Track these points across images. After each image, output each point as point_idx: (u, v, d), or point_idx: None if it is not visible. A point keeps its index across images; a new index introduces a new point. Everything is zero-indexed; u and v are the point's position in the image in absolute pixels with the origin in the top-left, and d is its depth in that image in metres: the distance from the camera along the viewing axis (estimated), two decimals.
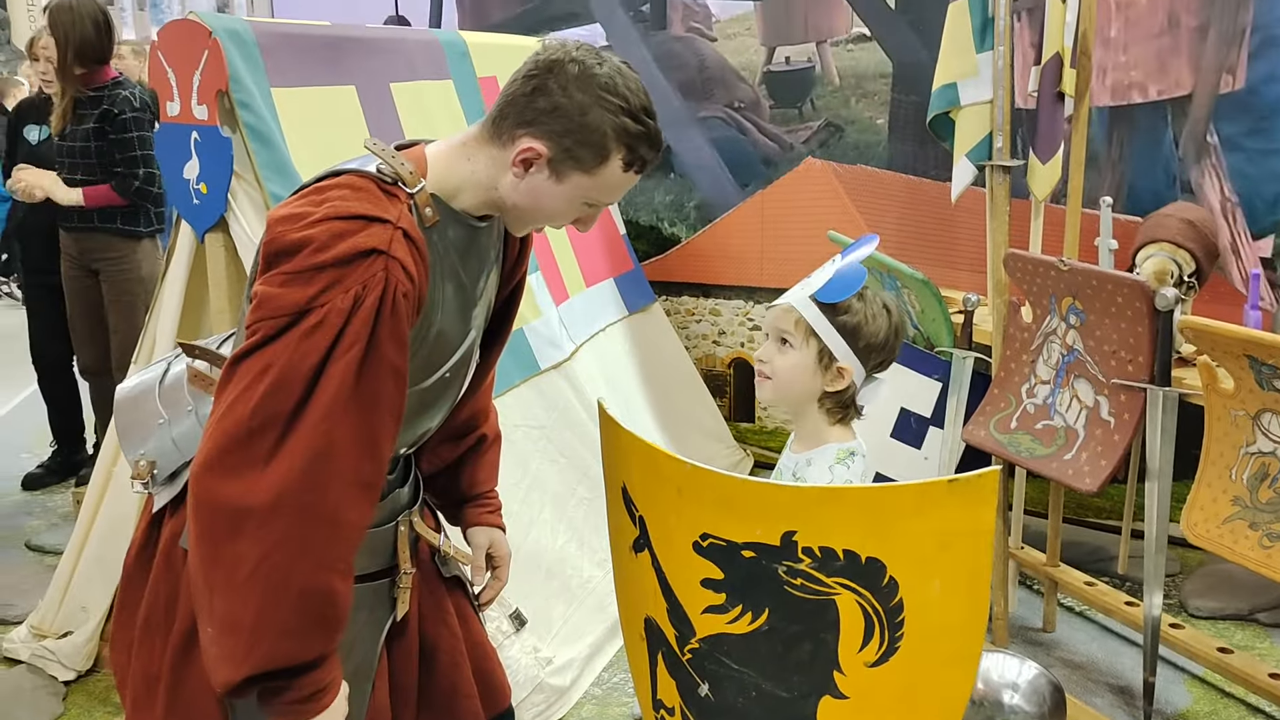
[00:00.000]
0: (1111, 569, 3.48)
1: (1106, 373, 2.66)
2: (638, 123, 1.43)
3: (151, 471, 1.55)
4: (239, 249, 2.65)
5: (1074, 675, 3.10)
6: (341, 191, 1.40)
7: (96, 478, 3.02)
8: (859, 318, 1.67)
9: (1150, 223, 2.97)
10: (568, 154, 1.43)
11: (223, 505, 1.31)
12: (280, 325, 1.32)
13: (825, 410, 1.73)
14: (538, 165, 1.44)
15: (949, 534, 1.42)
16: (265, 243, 1.38)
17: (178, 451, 1.55)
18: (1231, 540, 2.38)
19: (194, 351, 1.56)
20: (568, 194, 1.46)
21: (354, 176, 1.43)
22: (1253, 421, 2.37)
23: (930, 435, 3.21)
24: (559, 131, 1.42)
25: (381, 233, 1.36)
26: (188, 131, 2.61)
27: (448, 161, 1.49)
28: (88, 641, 2.99)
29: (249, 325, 1.35)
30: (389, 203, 1.40)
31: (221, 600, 1.32)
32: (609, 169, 1.45)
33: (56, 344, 4.21)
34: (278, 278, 1.34)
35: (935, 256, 3.99)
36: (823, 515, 1.45)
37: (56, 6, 3.75)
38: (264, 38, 2.67)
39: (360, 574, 1.51)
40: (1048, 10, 2.90)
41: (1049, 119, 2.96)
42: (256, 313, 1.34)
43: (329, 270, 1.33)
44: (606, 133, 1.42)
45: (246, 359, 1.33)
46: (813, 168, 4.25)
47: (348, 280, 1.33)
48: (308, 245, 1.33)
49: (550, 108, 1.42)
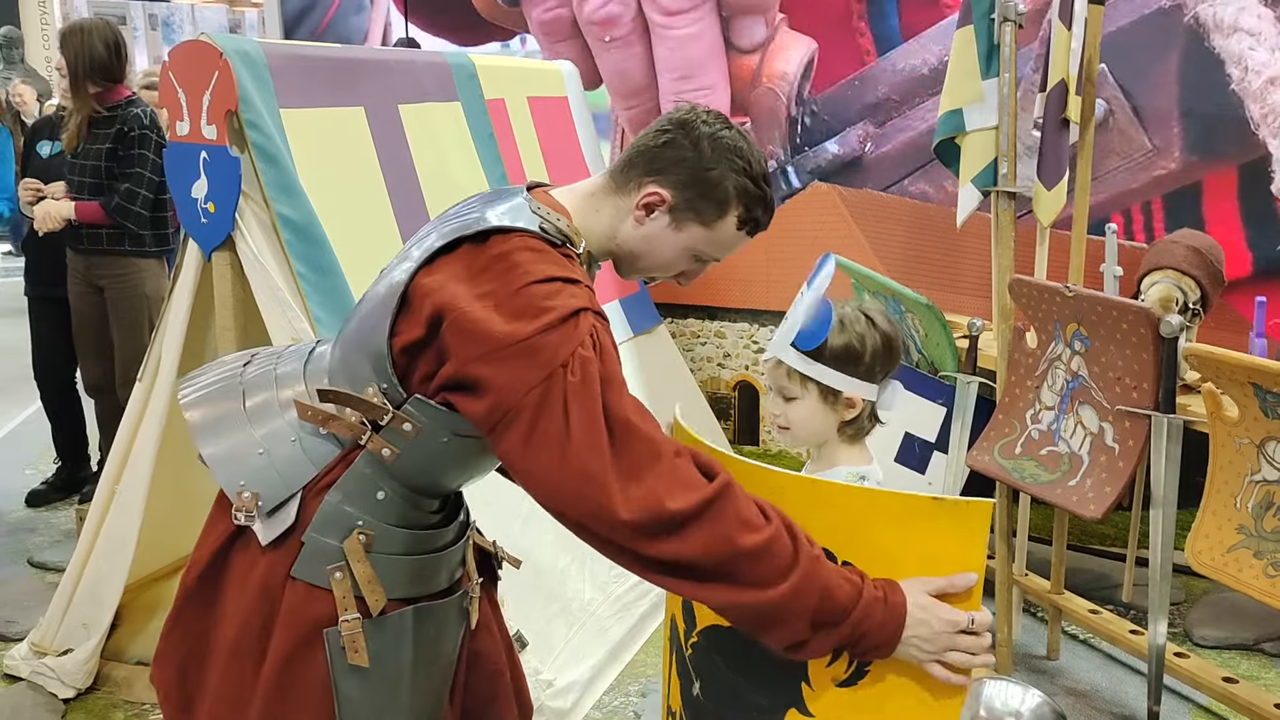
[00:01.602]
0: (1116, 597, 3.46)
1: (1111, 399, 2.65)
2: (757, 186, 1.54)
3: (256, 503, 1.53)
4: (245, 268, 2.66)
5: (1078, 704, 3.08)
6: (525, 255, 1.44)
7: (99, 495, 3.02)
8: (845, 345, 1.65)
9: (1155, 249, 2.97)
10: (689, 204, 1.53)
11: (676, 558, 1.35)
12: (536, 401, 1.35)
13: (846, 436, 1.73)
14: (660, 211, 1.53)
15: (930, 557, 1.40)
16: (459, 322, 1.40)
17: (284, 484, 1.54)
18: (1236, 569, 2.37)
19: (329, 396, 1.54)
20: (683, 244, 1.56)
21: (528, 238, 1.47)
22: (1258, 450, 2.36)
23: (934, 460, 3.20)
24: (685, 182, 1.52)
25: (582, 294, 1.42)
26: (196, 151, 2.62)
27: (584, 214, 1.57)
28: (88, 659, 2.99)
29: (496, 416, 1.38)
30: (570, 264, 1.47)
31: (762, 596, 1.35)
32: (725, 225, 1.55)
33: (59, 360, 4.22)
34: (501, 356, 1.37)
35: (940, 281, 3.99)
36: (807, 509, 1.45)
37: (67, 28, 3.82)
38: (274, 59, 2.69)
39: (441, 590, 1.62)
40: (1053, 37, 2.91)
41: (1054, 145, 2.97)
42: (496, 399, 1.37)
43: (554, 331, 1.37)
44: (729, 190, 1.52)
45: (533, 454, 1.37)
46: (818, 191, 4.27)
47: (578, 335, 1.38)
48: (519, 312, 1.37)
49: (678, 159, 1.52)
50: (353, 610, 1.51)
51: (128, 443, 2.96)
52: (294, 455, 1.56)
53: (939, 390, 3.17)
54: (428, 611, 1.59)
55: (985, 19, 2.92)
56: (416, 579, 1.59)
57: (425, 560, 1.59)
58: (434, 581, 1.62)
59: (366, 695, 1.54)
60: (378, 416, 1.50)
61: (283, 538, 1.53)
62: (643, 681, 3.14)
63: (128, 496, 2.95)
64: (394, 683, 1.57)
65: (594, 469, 1.34)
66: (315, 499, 1.53)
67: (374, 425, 1.51)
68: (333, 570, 1.51)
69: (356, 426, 1.52)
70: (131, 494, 2.94)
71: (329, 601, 1.51)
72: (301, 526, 1.52)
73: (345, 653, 1.51)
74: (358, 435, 1.52)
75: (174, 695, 1.63)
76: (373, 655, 1.53)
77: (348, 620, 1.51)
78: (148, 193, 3.76)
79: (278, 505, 1.54)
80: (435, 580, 1.62)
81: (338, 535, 1.52)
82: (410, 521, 1.57)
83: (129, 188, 3.73)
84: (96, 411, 4.14)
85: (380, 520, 1.54)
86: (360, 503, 1.53)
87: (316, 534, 1.52)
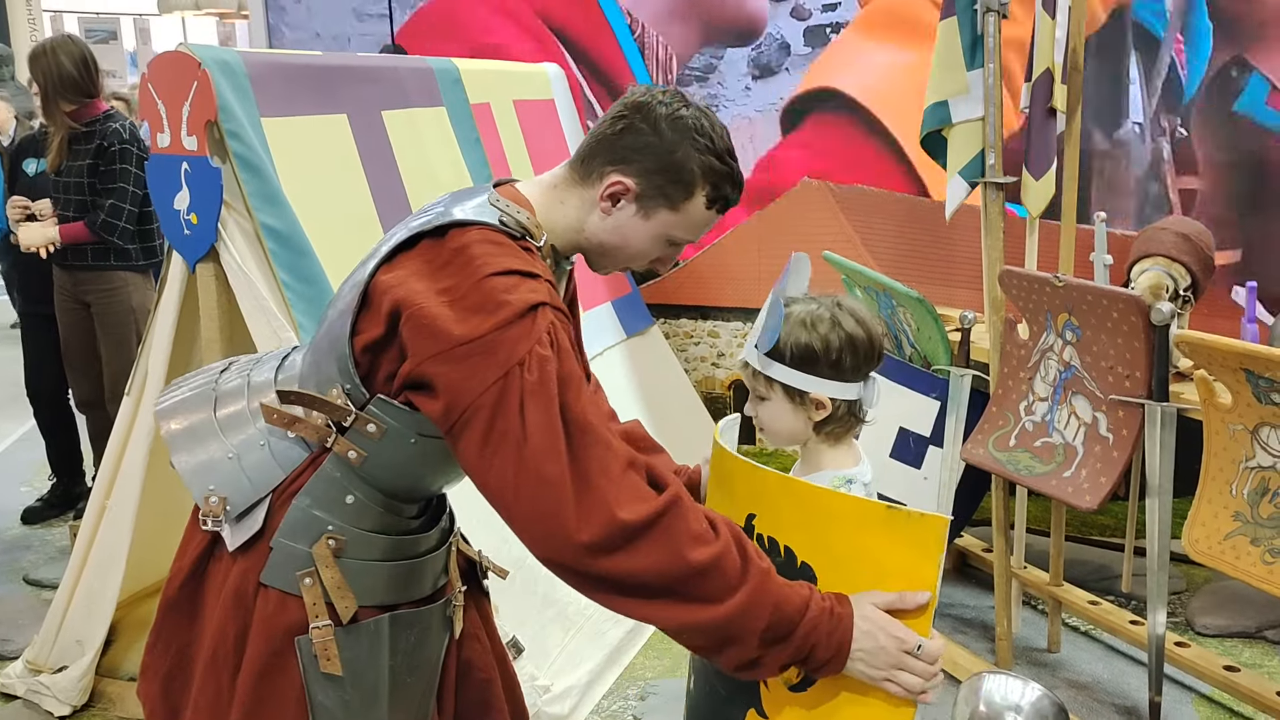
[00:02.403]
0: (1116, 587, 3.45)
1: (1104, 389, 2.64)
2: (723, 162, 1.50)
3: (224, 508, 1.52)
4: (230, 279, 2.64)
5: (1079, 696, 3.06)
6: (485, 247, 1.42)
7: (90, 511, 3.01)
8: (806, 344, 1.61)
9: (1145, 237, 2.95)
10: (656, 190, 1.50)
11: (626, 575, 1.33)
12: (493, 400, 1.33)
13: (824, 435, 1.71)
14: (625, 200, 1.51)
15: (882, 568, 1.38)
16: (416, 317, 1.38)
17: (252, 488, 1.52)
18: (1234, 556, 2.36)
19: (290, 398, 1.53)
20: (653, 231, 1.53)
21: (487, 230, 1.45)
22: (1251, 436, 2.35)
23: (930, 455, 3.18)
24: (648, 168, 1.49)
25: (541, 288, 1.40)
26: (178, 162, 2.61)
27: (547, 206, 1.54)
28: (83, 676, 2.97)
29: (454, 416, 1.36)
30: (530, 258, 1.45)
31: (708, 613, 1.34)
32: (694, 205, 1.51)
33: (51, 376, 4.21)
34: (457, 354, 1.35)
35: (932, 274, 3.97)
36: (775, 503, 1.45)
37: (34, 51, 3.81)
38: (253, 68, 2.67)
39: (423, 597, 1.60)
40: (1037, 26, 2.90)
41: (1040, 135, 2.95)
42: (451, 398, 1.35)
43: (513, 327, 1.35)
44: (694, 170, 1.49)
45: (490, 454, 1.34)
46: (809, 188, 4.25)
47: (535, 332, 1.35)
48: (476, 307, 1.35)
49: (640, 145, 1.49)
50: (324, 617, 1.49)
51: (117, 457, 2.95)
52: (263, 459, 1.54)
53: (932, 384, 3.15)
54: (407, 619, 1.57)
55: (969, 10, 2.90)
56: (394, 585, 1.56)
57: (403, 566, 1.57)
58: (414, 588, 1.60)
59: (342, 705, 1.52)
60: (341, 418, 1.48)
61: (251, 543, 1.51)
62: (641, 685, 3.13)
63: (118, 511, 2.94)
64: (372, 692, 1.54)
65: (551, 474, 1.32)
66: (284, 504, 1.51)
67: (339, 427, 1.49)
68: (302, 576, 1.49)
69: (322, 429, 1.50)
70: (122, 509, 2.93)
71: (301, 608, 1.49)
72: (270, 532, 1.50)
73: (318, 661, 1.48)
74: (324, 438, 1.50)
75: (159, 709, 1.62)
76: (347, 663, 1.50)
77: (318, 628, 1.48)
78: (132, 207, 3.75)
79: (245, 510, 1.52)
80: (416, 587, 1.60)
81: (307, 540, 1.50)
82: (385, 526, 1.55)
83: (113, 203, 3.72)
84: (88, 427, 4.13)
85: (351, 525, 1.52)
86: (330, 507, 1.51)
87: (285, 539, 1.50)
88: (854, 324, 1.63)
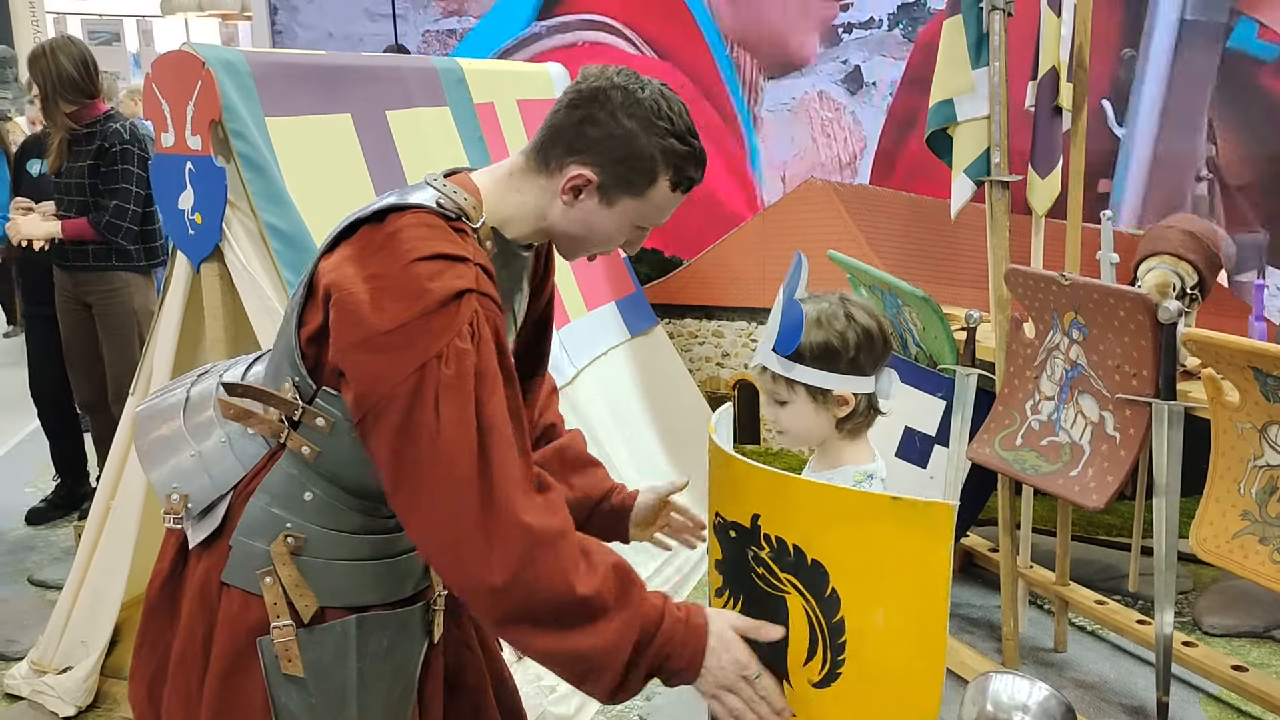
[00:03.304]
0: (1123, 587, 3.43)
1: (1110, 388, 2.63)
2: (684, 144, 1.47)
3: (185, 505, 1.51)
4: (234, 278, 2.64)
5: (1086, 696, 3.05)
6: (417, 231, 1.39)
7: (95, 512, 3.01)
8: (824, 342, 1.62)
9: (1151, 235, 2.94)
10: (618, 180, 1.46)
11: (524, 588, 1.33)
12: (408, 391, 1.32)
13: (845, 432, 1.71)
14: (587, 192, 1.47)
15: (893, 559, 1.39)
16: (342, 302, 1.36)
17: (213, 485, 1.51)
18: (1242, 555, 2.35)
19: (236, 390, 1.52)
20: (618, 219, 1.50)
21: (422, 214, 1.42)
22: (1259, 434, 2.33)
23: (935, 454, 3.17)
24: (609, 159, 1.45)
25: (468, 272, 1.36)
26: (182, 162, 2.61)
27: (499, 193, 1.50)
28: (87, 676, 2.97)
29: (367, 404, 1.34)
30: (461, 240, 1.41)
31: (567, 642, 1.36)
32: (657, 191, 1.48)
33: (54, 377, 4.20)
34: (381, 340, 1.33)
35: (937, 273, 3.96)
36: (780, 502, 1.45)
37: (33, 53, 3.80)
38: (258, 67, 2.67)
39: (398, 599, 1.56)
40: (1043, 24, 2.89)
41: (1046, 133, 2.94)
42: (366, 387, 1.34)
43: (435, 316, 1.32)
44: (655, 156, 1.45)
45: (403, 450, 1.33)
46: (813, 187, 4.24)
47: (456, 323, 1.33)
48: (401, 295, 1.33)
49: (599, 136, 1.44)
50: (285, 617, 1.46)
51: (121, 458, 2.94)
52: (223, 456, 1.52)
53: (938, 384, 3.14)
54: (375, 621, 1.52)
55: (974, 8, 2.90)
56: (364, 586, 1.53)
57: (376, 566, 1.53)
58: (388, 590, 1.55)
59: (307, 708, 1.49)
60: (291, 412, 1.47)
61: (212, 541, 1.49)
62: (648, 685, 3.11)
63: (123, 512, 2.93)
64: (339, 695, 1.50)
65: (462, 471, 1.31)
66: (243, 501, 1.49)
67: (291, 422, 1.48)
68: (262, 575, 1.46)
69: (275, 424, 1.49)
70: (126, 510, 2.92)
71: (263, 608, 1.46)
72: (230, 530, 1.49)
73: (279, 662, 1.46)
74: (277, 433, 1.49)
75: (146, 713, 1.61)
76: (310, 665, 1.47)
77: (279, 627, 1.45)
78: (135, 207, 3.75)
79: (207, 508, 1.50)
80: (390, 588, 1.56)
81: (265, 539, 1.47)
82: (346, 525, 1.51)
83: (117, 204, 3.71)
84: (92, 428, 4.13)
85: (310, 523, 1.49)
86: (287, 504, 1.49)
87: (244, 538, 1.48)
88: (865, 316, 1.64)
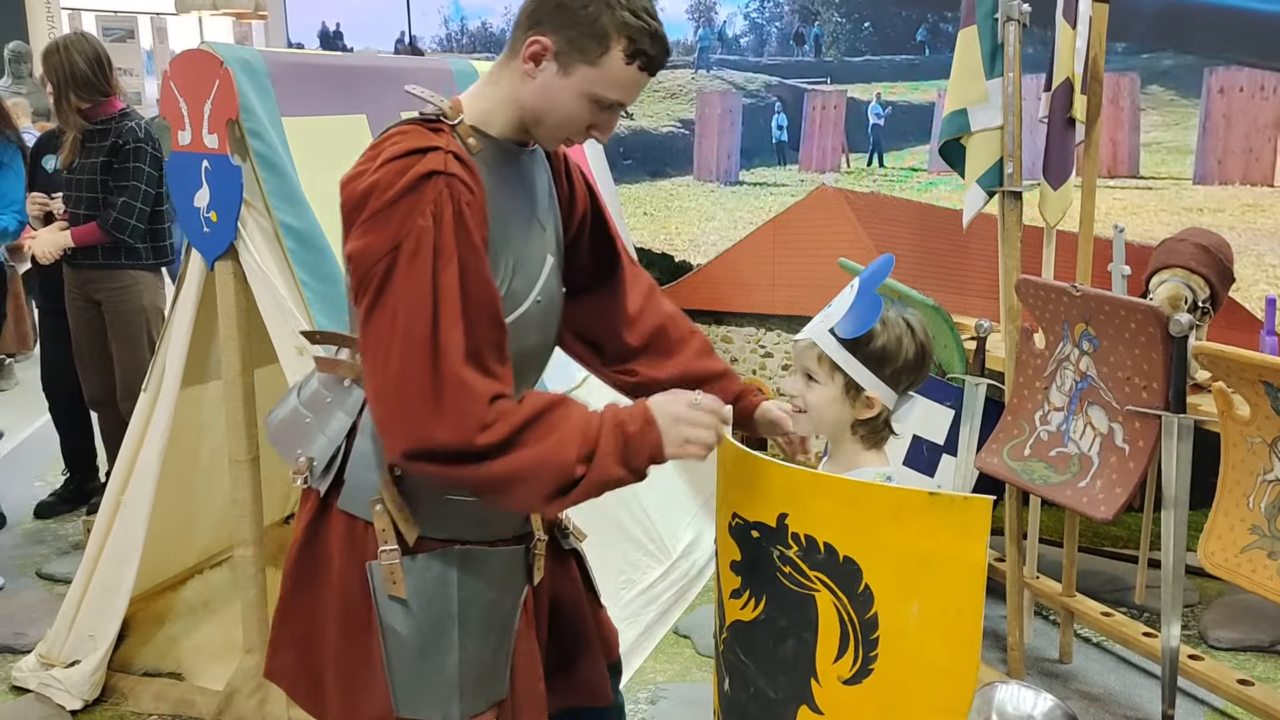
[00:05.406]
0: (1129, 599, 3.43)
1: (1120, 399, 2.63)
2: (637, 17, 1.54)
3: (310, 465, 1.68)
4: (249, 277, 2.66)
5: (1091, 707, 3.05)
6: (393, 139, 1.54)
7: (105, 507, 3.02)
8: (882, 345, 1.64)
9: (1163, 248, 2.94)
10: (571, 44, 1.54)
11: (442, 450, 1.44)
12: (383, 270, 1.45)
13: (860, 437, 1.71)
14: (546, 60, 1.56)
15: (929, 554, 1.39)
16: (341, 206, 1.53)
17: (329, 441, 1.68)
18: (1249, 569, 2.34)
19: (314, 337, 1.74)
20: (576, 88, 1.56)
21: (402, 125, 1.58)
22: (1269, 449, 2.33)
23: (943, 463, 3.17)
24: (562, 24, 1.54)
25: (435, 158, 1.49)
26: (198, 160, 2.62)
27: (477, 93, 1.64)
28: (95, 670, 2.98)
29: (355, 288, 1.50)
30: (435, 135, 1.54)
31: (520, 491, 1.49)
32: (611, 60, 1.55)
33: (65, 372, 4.22)
34: (359, 230, 1.48)
35: (947, 282, 3.97)
36: (810, 501, 1.46)
37: (47, 49, 3.82)
38: (275, 67, 2.68)
39: (501, 539, 1.70)
40: (1057, 35, 2.89)
41: (1060, 145, 2.94)
42: (355, 272, 1.49)
43: (401, 202, 1.46)
44: (606, 24, 1.53)
45: (372, 319, 1.47)
46: (825, 194, 4.25)
47: (421, 204, 1.46)
48: (374, 190, 1.47)
49: (557, 6, 1.54)
50: (392, 543, 1.61)
51: (133, 453, 2.96)
52: (332, 413, 1.69)
53: (947, 392, 3.15)
54: (475, 556, 1.65)
55: (989, 19, 2.90)
56: (461, 521, 1.65)
57: (470, 505, 1.62)
58: (488, 528, 1.68)
59: (412, 632, 1.62)
60: (356, 347, 1.60)
61: (335, 483, 1.66)
62: (652, 689, 3.12)
63: (133, 508, 2.95)
64: (439, 624, 1.63)
65: (418, 334, 1.43)
66: (353, 441, 1.66)
67: None
68: (373, 504, 1.61)
69: (356, 365, 1.65)
70: (136, 505, 2.94)
71: (374, 535, 1.62)
72: (345, 467, 1.66)
73: (386, 584, 1.60)
74: (357, 374, 1.64)
75: (299, 678, 1.75)
76: (413, 591, 1.61)
77: (386, 551, 1.60)
78: (144, 205, 3.75)
79: (328, 462, 1.67)
80: (490, 527, 1.68)
81: (373, 470, 1.63)
82: None
83: (125, 200, 3.72)
84: (100, 424, 4.15)
85: None
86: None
87: (357, 469, 1.64)
88: (924, 335, 1.68)
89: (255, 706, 2.84)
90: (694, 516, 3.76)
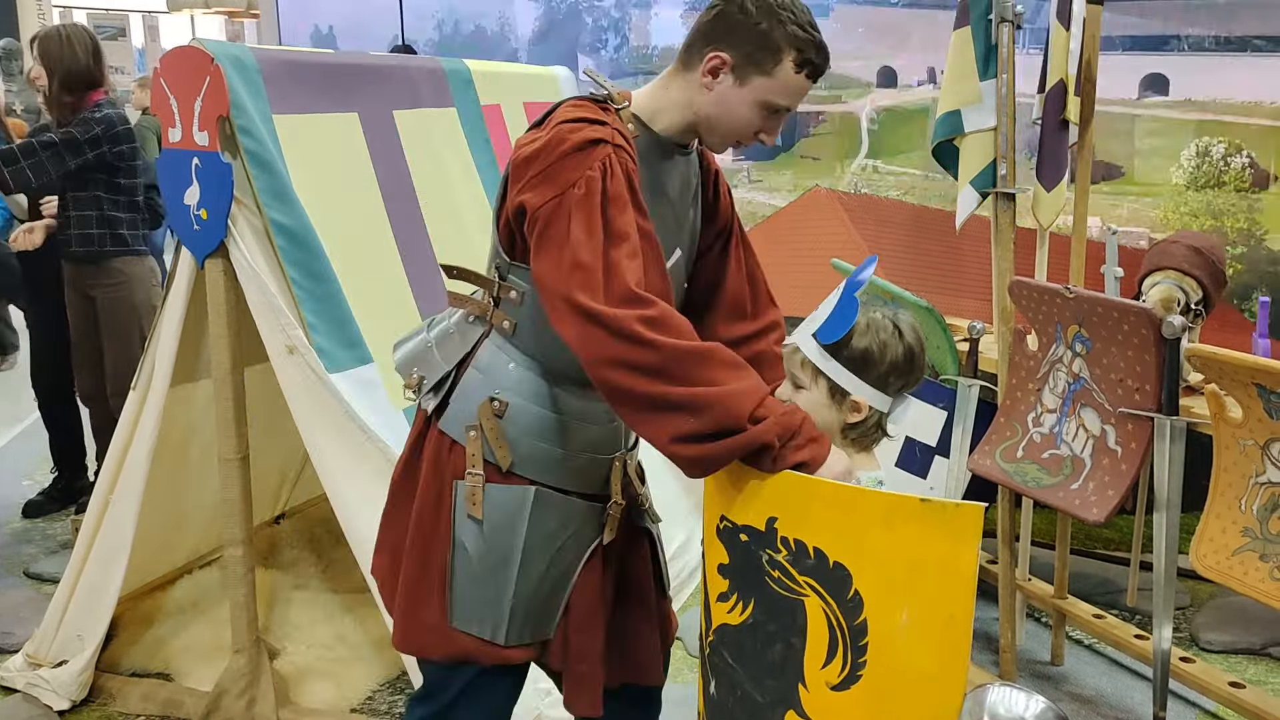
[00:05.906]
0: (1121, 601, 3.43)
1: (1113, 401, 2.63)
2: (805, 31, 1.71)
3: (420, 381, 1.84)
4: (239, 275, 2.64)
5: (1083, 710, 3.05)
6: (565, 108, 1.74)
7: (93, 506, 3.00)
8: (864, 348, 1.63)
9: (1156, 250, 2.94)
10: (748, 58, 1.71)
11: (639, 335, 1.55)
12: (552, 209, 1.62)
13: (850, 440, 1.70)
14: (724, 72, 1.72)
15: (919, 561, 1.39)
16: (511, 162, 1.71)
17: (442, 361, 1.84)
18: (1241, 572, 2.34)
19: (452, 271, 1.86)
20: (751, 97, 1.73)
21: (574, 100, 1.78)
22: (1262, 451, 2.33)
23: (935, 465, 3.17)
24: (739, 40, 1.71)
25: (604, 130, 1.68)
26: (189, 157, 2.60)
27: (649, 92, 1.81)
28: (82, 671, 2.96)
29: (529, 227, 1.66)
30: (602, 113, 1.73)
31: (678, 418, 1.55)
32: (783, 70, 1.72)
33: (55, 366, 4.20)
34: (531, 182, 1.66)
35: (940, 284, 3.97)
36: (800, 505, 1.46)
37: (45, 35, 3.76)
38: (266, 64, 2.67)
39: (578, 491, 1.84)
40: (1051, 37, 2.89)
41: (1053, 146, 2.94)
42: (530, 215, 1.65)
43: (572, 156, 1.64)
44: (779, 39, 1.70)
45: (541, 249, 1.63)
46: (818, 196, 4.25)
47: (590, 160, 1.64)
48: (547, 147, 1.65)
49: (731, 25, 1.72)
50: (479, 468, 1.77)
51: (121, 452, 2.93)
52: (450, 339, 1.87)
53: (940, 394, 3.14)
54: (552, 500, 1.80)
55: (983, 20, 2.89)
56: (548, 463, 1.80)
57: (560, 453, 1.80)
58: (570, 479, 1.82)
59: (480, 554, 1.78)
60: (491, 290, 1.80)
61: (441, 405, 1.82)
62: None
63: (121, 507, 2.93)
64: (505, 556, 1.78)
65: (586, 259, 1.58)
66: (463, 371, 1.82)
67: (495, 301, 1.80)
68: (469, 429, 1.78)
69: (483, 304, 1.82)
70: (125, 504, 2.92)
71: (465, 457, 1.78)
72: (452, 392, 1.81)
73: (466, 504, 1.76)
74: (485, 311, 1.81)
75: (389, 579, 1.91)
76: (488, 516, 1.77)
77: (473, 474, 1.77)
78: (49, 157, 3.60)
79: (438, 381, 1.83)
80: (571, 479, 1.82)
81: (476, 400, 1.79)
82: (545, 400, 1.79)
83: (26, 143, 3.60)
84: (91, 420, 4.12)
85: (513, 394, 1.79)
86: (495, 374, 1.80)
87: (461, 397, 1.80)
88: (913, 337, 1.66)
89: (244, 707, 2.82)
90: (685, 517, 3.75)
